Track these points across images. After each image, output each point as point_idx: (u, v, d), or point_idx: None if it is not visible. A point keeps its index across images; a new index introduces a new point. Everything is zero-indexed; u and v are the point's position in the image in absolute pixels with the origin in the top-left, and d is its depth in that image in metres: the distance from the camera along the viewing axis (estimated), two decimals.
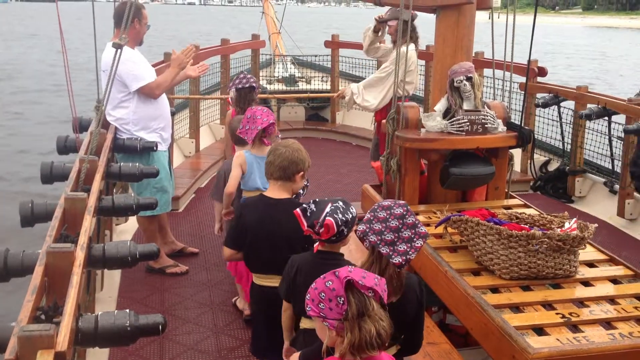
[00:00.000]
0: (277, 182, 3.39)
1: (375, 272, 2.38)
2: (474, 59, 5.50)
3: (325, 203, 2.75)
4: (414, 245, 2.41)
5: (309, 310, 2.01)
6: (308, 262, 2.81)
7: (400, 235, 2.41)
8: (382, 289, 1.99)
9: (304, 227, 2.76)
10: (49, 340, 1.85)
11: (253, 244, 3.39)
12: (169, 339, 4.24)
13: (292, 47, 11.95)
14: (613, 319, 3.00)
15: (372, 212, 2.48)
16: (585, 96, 7.07)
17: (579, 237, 3.27)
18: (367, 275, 1.99)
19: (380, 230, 2.42)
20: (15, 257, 2.65)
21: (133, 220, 5.94)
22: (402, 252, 2.39)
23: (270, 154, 3.42)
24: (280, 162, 3.35)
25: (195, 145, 8.48)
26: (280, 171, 3.36)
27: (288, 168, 3.35)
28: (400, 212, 2.44)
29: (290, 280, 2.87)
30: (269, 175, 3.43)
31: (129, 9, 3.79)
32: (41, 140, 12.82)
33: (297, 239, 3.25)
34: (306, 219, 2.75)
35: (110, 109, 4.87)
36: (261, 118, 4.13)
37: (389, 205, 2.47)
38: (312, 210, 2.76)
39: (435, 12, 4.46)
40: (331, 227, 2.67)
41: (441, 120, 4.20)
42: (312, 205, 2.77)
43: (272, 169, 3.39)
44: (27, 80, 22.03)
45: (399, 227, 2.41)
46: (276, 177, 3.38)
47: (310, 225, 2.73)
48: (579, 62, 35.00)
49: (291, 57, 11.60)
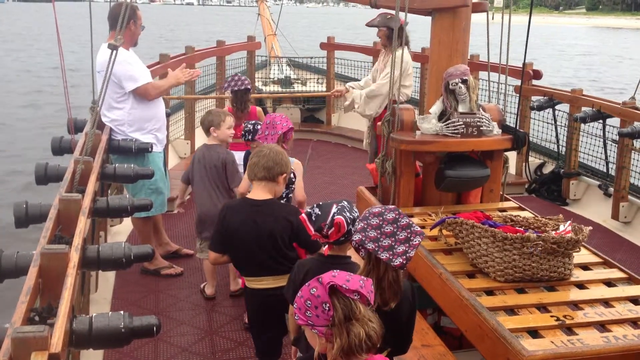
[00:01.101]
0: (261, 182, 3.39)
1: (373, 279, 2.38)
2: (470, 61, 5.51)
3: (329, 205, 2.77)
4: (412, 243, 2.42)
5: (297, 320, 1.99)
6: (318, 266, 2.80)
7: (397, 238, 2.41)
8: (367, 291, 1.96)
9: (311, 232, 2.77)
10: (43, 341, 1.84)
11: (241, 247, 3.38)
12: (163, 340, 4.23)
13: (288, 49, 11.96)
14: (607, 321, 3.01)
15: (364, 221, 2.47)
16: (579, 99, 7.09)
17: (573, 239, 3.28)
18: (351, 278, 1.96)
19: (377, 237, 2.41)
20: (9, 259, 2.64)
21: (128, 222, 5.93)
22: (402, 253, 2.40)
23: (254, 156, 3.43)
24: (264, 162, 3.36)
25: (190, 146, 8.46)
26: (265, 171, 3.36)
27: (272, 169, 3.36)
28: (392, 216, 2.45)
29: (298, 284, 2.84)
30: (253, 176, 3.42)
31: (125, 10, 3.78)
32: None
33: (284, 239, 3.31)
34: (312, 223, 2.77)
35: (105, 110, 4.86)
36: (280, 124, 4.22)
37: (380, 212, 2.47)
38: (317, 214, 2.77)
39: (431, 15, 4.47)
40: (342, 225, 2.70)
41: (436, 123, 4.21)
42: (316, 209, 2.79)
43: (256, 170, 3.38)
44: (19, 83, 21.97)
45: (394, 231, 2.42)
46: (260, 177, 3.38)
47: (318, 228, 2.75)
48: (594, 64, 34.17)
49: (287, 58, 11.60)
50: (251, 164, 3.42)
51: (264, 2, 12.40)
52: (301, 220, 2.80)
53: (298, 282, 2.86)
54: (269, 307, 3.36)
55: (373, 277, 2.41)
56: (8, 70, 24.64)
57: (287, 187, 3.92)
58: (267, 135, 4.23)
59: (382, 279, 2.42)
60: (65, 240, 2.76)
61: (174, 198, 6.64)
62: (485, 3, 4.67)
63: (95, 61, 4.88)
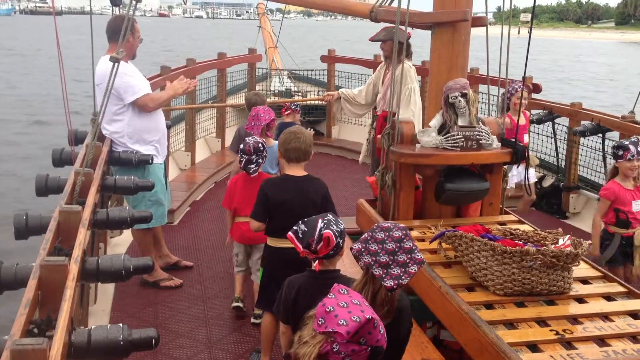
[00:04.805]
0: (300, 163, 4.02)
1: (367, 293, 2.37)
2: (469, 75, 5.54)
3: (314, 220, 2.77)
4: (408, 270, 2.37)
5: None
6: (308, 283, 2.84)
7: (396, 258, 2.37)
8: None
9: (300, 249, 2.77)
10: (42, 354, 1.84)
11: (285, 215, 3.85)
12: (162, 353, 4.22)
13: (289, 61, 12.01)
14: (606, 336, 3.00)
15: (370, 232, 2.45)
16: (579, 113, 7.12)
17: (572, 253, 3.28)
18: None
19: (376, 252, 2.38)
20: (8, 270, 2.64)
21: (128, 233, 5.93)
22: (395, 276, 2.35)
23: (293, 141, 3.96)
24: (304, 147, 3.97)
25: (190, 158, 8.48)
26: (304, 154, 4.00)
27: (308, 152, 4.02)
28: (398, 235, 2.40)
29: (290, 303, 2.89)
30: (293, 160, 4.00)
31: (126, 23, 3.81)
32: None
33: (319, 206, 3.94)
34: (300, 241, 2.77)
35: (105, 122, 4.87)
36: (264, 115, 5.12)
37: (388, 227, 2.43)
38: (303, 231, 2.77)
39: (431, 29, 4.50)
40: (331, 238, 2.71)
41: (436, 136, 4.22)
42: (301, 226, 2.79)
43: (297, 154, 3.97)
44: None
45: (395, 250, 2.37)
46: (301, 159, 4.01)
47: (306, 245, 2.74)
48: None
49: (287, 71, 11.65)
50: (293, 147, 3.95)
51: (265, 15, 12.48)
52: (288, 236, 2.85)
53: (290, 301, 2.87)
54: (288, 263, 3.68)
55: (369, 290, 2.40)
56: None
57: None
58: (253, 126, 5.10)
59: (376, 295, 2.39)
60: (64, 252, 2.76)
61: (174, 210, 6.67)
62: (484, 17, 4.69)
63: (95, 74, 4.91)
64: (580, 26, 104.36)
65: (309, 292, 2.79)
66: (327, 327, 1.96)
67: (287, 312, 2.91)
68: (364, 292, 2.37)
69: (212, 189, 8.19)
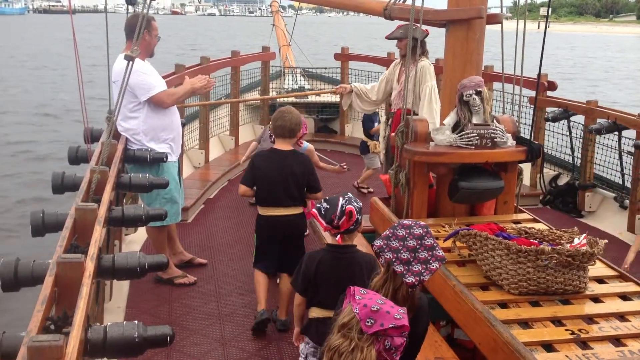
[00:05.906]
0: (286, 139, 4.50)
1: (388, 290, 2.39)
2: (484, 72, 5.50)
3: (336, 198, 3.08)
4: (429, 267, 2.39)
5: None
6: (327, 256, 3.18)
7: (417, 255, 2.39)
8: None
9: (323, 225, 3.05)
10: (59, 350, 1.85)
11: (267, 182, 4.43)
12: (176, 350, 4.24)
13: (302, 59, 12.00)
14: (622, 335, 2.98)
15: (391, 229, 2.48)
16: (595, 110, 7.05)
17: (588, 252, 3.25)
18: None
19: (397, 248, 2.40)
20: (25, 267, 2.66)
21: (142, 231, 5.97)
22: (417, 273, 2.37)
23: (279, 119, 4.46)
24: (289, 125, 4.46)
25: (204, 156, 8.51)
26: (289, 132, 4.48)
27: (294, 130, 4.50)
28: (419, 232, 2.44)
29: (309, 276, 3.16)
30: (279, 136, 4.49)
31: (141, 21, 3.82)
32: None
33: (304, 179, 4.45)
34: (323, 217, 3.05)
35: (120, 119, 4.90)
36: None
37: (409, 225, 2.47)
38: (325, 208, 3.05)
39: (445, 26, 4.48)
40: (353, 212, 3.02)
41: (450, 134, 4.20)
42: (324, 204, 3.08)
43: (283, 131, 4.47)
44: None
45: (416, 247, 2.40)
46: (286, 136, 4.49)
47: (329, 220, 3.02)
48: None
49: (301, 69, 11.64)
50: (279, 125, 4.46)
51: (278, 13, 12.47)
52: (311, 215, 3.14)
53: (311, 272, 3.15)
54: (272, 226, 4.49)
55: (389, 287, 2.41)
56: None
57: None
58: None
59: (397, 292, 2.41)
60: (80, 250, 2.78)
61: (188, 207, 6.69)
62: (500, 15, 4.67)
63: (112, 71, 4.94)
64: (602, 20, 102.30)
65: (328, 265, 3.11)
66: (383, 325, 1.99)
67: (305, 283, 3.19)
68: (384, 289, 2.40)
69: (226, 187, 8.21)
